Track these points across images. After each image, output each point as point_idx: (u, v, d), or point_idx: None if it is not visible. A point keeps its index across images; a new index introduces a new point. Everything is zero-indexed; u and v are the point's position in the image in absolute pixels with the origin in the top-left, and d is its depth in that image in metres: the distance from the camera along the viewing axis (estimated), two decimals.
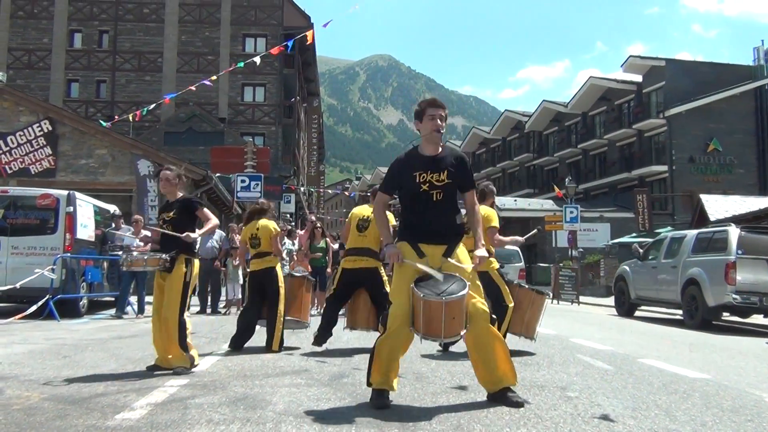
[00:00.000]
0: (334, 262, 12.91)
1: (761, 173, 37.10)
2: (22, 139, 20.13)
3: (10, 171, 20.00)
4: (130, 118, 23.15)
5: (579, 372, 5.82)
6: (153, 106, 25.68)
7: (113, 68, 39.71)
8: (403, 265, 4.32)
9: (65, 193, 12.18)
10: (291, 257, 13.39)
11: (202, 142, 33.36)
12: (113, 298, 13.24)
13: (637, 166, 39.39)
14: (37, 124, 20.25)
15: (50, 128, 20.35)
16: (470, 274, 4.35)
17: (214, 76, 22.98)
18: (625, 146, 41.54)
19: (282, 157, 40.01)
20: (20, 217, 11.87)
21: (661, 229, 25.88)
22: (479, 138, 59.56)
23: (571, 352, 7.25)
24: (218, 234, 13.37)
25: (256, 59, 20.01)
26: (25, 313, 10.68)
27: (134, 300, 13.48)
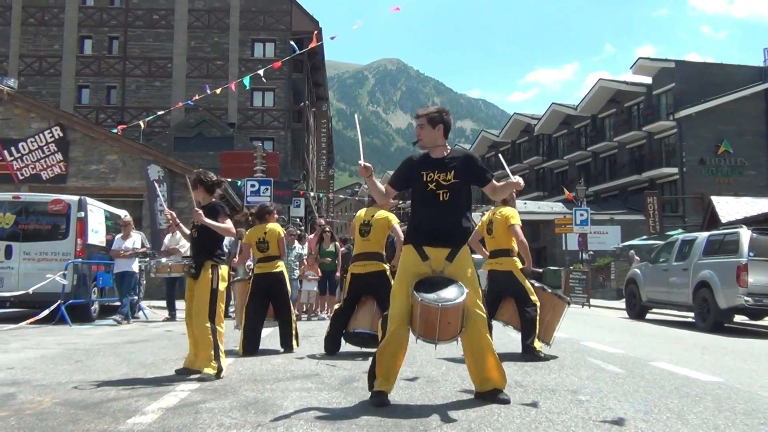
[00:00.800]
0: (343, 266, 12.93)
1: None
2: (34, 146, 20.29)
3: (21, 177, 20.16)
4: (142, 124, 23.25)
5: (590, 375, 5.79)
6: (164, 113, 25.81)
7: (123, 74, 39.94)
8: (406, 266, 4.44)
9: (76, 198, 12.26)
10: (301, 261, 13.41)
11: (212, 147, 33.46)
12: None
13: (648, 168, 39.26)
14: (48, 131, 20.40)
15: (61, 134, 20.50)
16: (470, 279, 4.41)
17: (232, 84, 22.94)
18: (635, 148, 41.41)
19: (291, 161, 40.10)
20: (32, 223, 11.95)
21: (672, 232, 25.76)
22: (488, 141, 59.53)
23: (582, 356, 7.22)
24: (227, 239, 13.38)
25: (260, 72, 20.00)
26: (37, 318, 10.74)
27: (145, 305, 13.57)
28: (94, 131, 21.54)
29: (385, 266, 7.02)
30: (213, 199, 5.93)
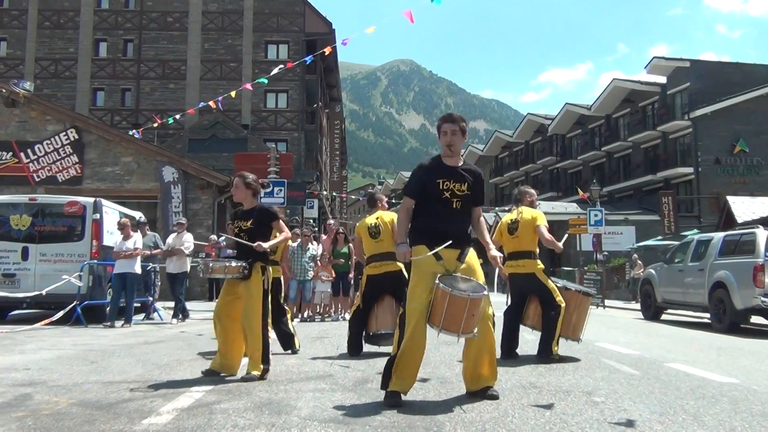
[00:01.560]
0: (356, 267, 12.93)
1: None
2: (50, 148, 20.46)
3: (37, 179, 20.34)
4: (154, 125, 23.38)
5: (605, 377, 5.76)
6: (181, 115, 25.96)
7: (138, 76, 40.20)
8: (421, 265, 4.49)
9: (92, 200, 12.36)
10: (315, 263, 13.44)
11: (226, 149, 33.56)
12: (139, 304, 13.38)
13: (662, 168, 39.00)
14: (64, 133, 20.56)
15: (77, 137, 20.65)
16: (481, 275, 4.64)
17: (248, 86, 23.05)
18: (650, 148, 41.16)
19: (305, 162, 40.17)
20: (48, 225, 12.05)
21: (688, 232, 25.56)
22: (502, 142, 59.37)
23: (596, 357, 7.18)
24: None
25: (275, 70, 20.06)
26: (52, 319, 10.84)
27: (160, 305, 13.62)
28: (109, 133, 21.68)
29: (400, 264, 7.01)
30: (256, 203, 5.91)
